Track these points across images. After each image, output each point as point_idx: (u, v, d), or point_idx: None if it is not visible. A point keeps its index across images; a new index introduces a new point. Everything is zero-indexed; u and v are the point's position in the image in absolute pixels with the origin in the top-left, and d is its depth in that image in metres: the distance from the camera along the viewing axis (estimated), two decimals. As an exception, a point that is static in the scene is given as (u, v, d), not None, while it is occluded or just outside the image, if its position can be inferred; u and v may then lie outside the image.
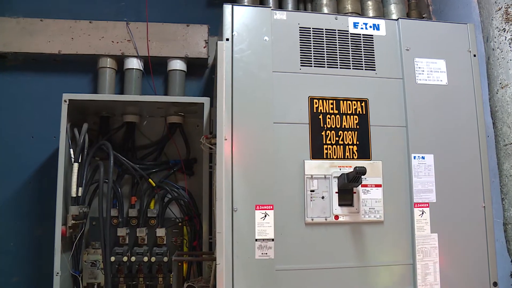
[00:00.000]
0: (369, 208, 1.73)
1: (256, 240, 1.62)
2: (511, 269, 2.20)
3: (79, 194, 2.08)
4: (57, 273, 2.00)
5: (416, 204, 1.77)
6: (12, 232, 2.41)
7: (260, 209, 1.64)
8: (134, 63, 2.36)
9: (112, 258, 2.13)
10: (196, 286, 1.63)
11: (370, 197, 1.74)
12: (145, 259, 2.16)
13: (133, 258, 2.16)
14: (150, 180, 2.25)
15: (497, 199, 2.01)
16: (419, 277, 1.75)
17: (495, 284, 1.81)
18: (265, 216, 1.64)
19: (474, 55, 1.91)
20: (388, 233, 1.74)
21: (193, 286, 1.65)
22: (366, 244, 1.72)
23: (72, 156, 2.09)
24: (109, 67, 2.36)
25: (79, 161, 2.10)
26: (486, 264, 1.81)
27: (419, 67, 1.85)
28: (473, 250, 1.80)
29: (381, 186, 1.75)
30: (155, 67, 2.43)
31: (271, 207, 1.65)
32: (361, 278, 1.71)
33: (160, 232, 2.23)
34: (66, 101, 2.05)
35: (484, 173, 1.84)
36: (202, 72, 2.57)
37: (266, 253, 1.62)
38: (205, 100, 2.10)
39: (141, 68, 2.37)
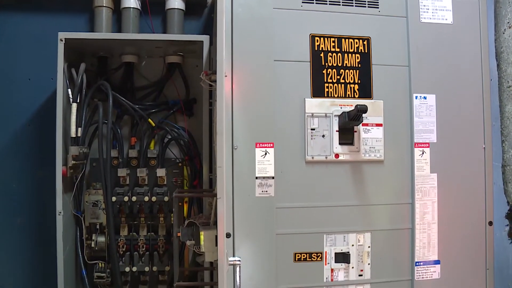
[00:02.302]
0: (370, 147, 1.73)
1: (256, 178, 1.63)
2: (507, 211, 2.24)
3: (79, 135, 2.07)
4: (60, 212, 2.02)
5: (416, 144, 1.77)
6: (13, 174, 2.42)
7: (260, 147, 1.64)
8: (131, 2, 2.29)
9: (113, 198, 2.14)
10: (197, 222, 1.65)
11: (370, 136, 1.73)
12: (146, 199, 2.17)
13: (134, 198, 2.17)
14: (149, 120, 2.24)
15: (497, 143, 2.01)
16: (418, 216, 1.77)
17: (490, 223, 1.83)
18: (265, 154, 1.64)
19: (482, -8, 1.85)
20: (388, 173, 1.75)
21: (194, 223, 1.67)
22: (366, 183, 1.73)
23: (71, 96, 2.06)
24: (105, 6, 2.29)
25: (78, 101, 2.07)
26: (483, 204, 1.83)
27: (424, 5, 1.80)
28: (471, 190, 1.82)
29: (382, 126, 1.74)
30: (153, 7, 2.36)
31: (271, 145, 1.64)
32: (361, 217, 1.73)
33: (161, 172, 2.23)
34: (62, 40, 2.01)
35: (486, 115, 1.83)
36: (201, 11, 2.50)
37: (267, 191, 1.63)
38: (205, 38, 2.05)
39: (139, 7, 2.30)
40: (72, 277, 2.22)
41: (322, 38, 1.73)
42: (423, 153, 1.77)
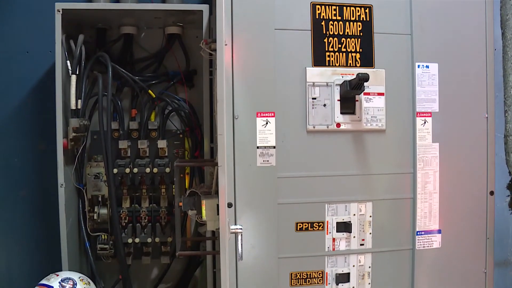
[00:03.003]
0: (371, 117, 1.72)
1: (257, 147, 1.63)
2: (508, 181, 2.24)
3: (79, 107, 2.06)
4: (62, 184, 2.02)
5: (418, 114, 1.76)
6: (15, 148, 2.41)
7: (261, 117, 1.63)
8: (129, -29, 2.26)
9: (115, 170, 2.14)
10: (199, 192, 1.65)
11: (372, 106, 1.72)
12: (147, 170, 2.17)
13: (135, 170, 2.17)
14: (150, 91, 2.22)
15: (499, 113, 2.00)
16: (419, 186, 1.77)
17: (491, 193, 1.84)
18: (267, 123, 1.63)
19: (488, -45, 1.81)
20: (390, 142, 1.75)
21: (195, 192, 1.67)
22: (367, 153, 1.73)
23: (69, 68, 2.05)
24: (103, -24, 2.25)
25: (77, 73, 2.05)
26: (485, 174, 1.83)
27: (427, -29, 1.77)
28: (473, 160, 1.82)
29: (383, 95, 1.73)
30: (151, -24, 2.33)
31: (273, 114, 1.63)
32: (362, 186, 1.74)
33: (162, 144, 2.22)
34: (59, 11, 1.98)
35: (489, 85, 1.82)
36: (200, -20, 2.46)
37: (268, 161, 1.63)
38: (204, 8, 2.02)
39: (137, -23, 2.27)
40: (76, 250, 2.24)
41: (323, 6, 1.70)
42: (425, 122, 1.76)
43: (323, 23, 1.70)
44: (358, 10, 1.73)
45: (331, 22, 1.70)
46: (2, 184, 2.42)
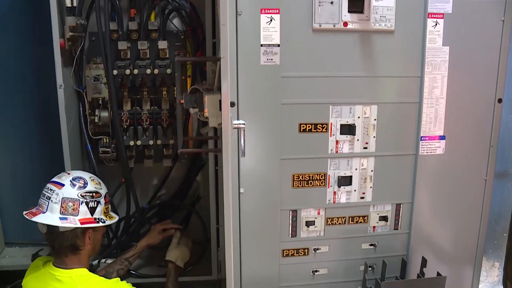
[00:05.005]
0: (380, 16, 1.64)
1: (261, 45, 1.57)
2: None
3: (74, 5, 1.97)
4: (60, 85, 1.99)
5: (430, 15, 1.68)
6: (10, 51, 2.35)
7: (265, 13, 1.55)
8: None
9: (115, 72, 2.09)
10: (201, 88, 1.61)
11: (381, 5, 1.63)
12: (148, 71, 2.11)
13: (135, 71, 2.11)
14: (149, -11, 2.12)
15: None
16: (426, 90, 1.73)
17: (499, 100, 1.80)
18: (271, 20, 1.56)
19: None
20: (398, 44, 1.68)
21: (197, 89, 1.64)
22: (374, 54, 1.67)
23: (63, -38, 1.94)
24: None
25: (71, -32, 1.95)
26: (495, 81, 1.78)
27: None
28: (484, 66, 1.76)
29: (394, -7, 1.64)
30: None
31: (277, 11, 1.56)
32: (368, 89, 1.70)
33: (162, 44, 2.14)
34: None
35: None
36: None
37: (272, 59, 1.58)
38: None
39: None
40: (78, 153, 2.25)
41: None
42: (436, 24, 1.68)
43: None
44: None
45: None
46: (1, 89, 2.38)
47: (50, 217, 1.58)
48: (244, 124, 1.30)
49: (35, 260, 1.75)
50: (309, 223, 1.74)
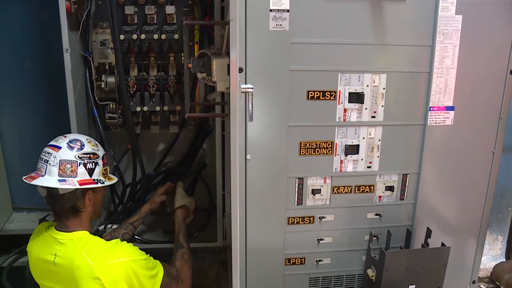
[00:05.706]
0: (392, -18, 1.60)
1: (270, 10, 1.54)
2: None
3: (81, -34, 1.95)
4: (67, 49, 1.96)
5: (443, -18, 1.64)
6: (16, 15, 2.32)
7: (275, -23, 1.52)
8: None
9: (121, 37, 2.06)
10: (208, 52, 1.59)
11: (394, -30, 1.60)
12: (155, 36, 2.08)
13: (142, 36, 2.09)
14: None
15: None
16: (436, 60, 1.70)
17: (511, 72, 1.77)
18: (281, -16, 1.53)
19: None
20: (410, 11, 1.65)
21: (205, 53, 1.61)
22: (385, 22, 1.64)
23: None
24: None
25: None
26: (508, 52, 1.74)
27: None
28: (497, 35, 1.72)
29: (407, -42, 1.60)
30: None
31: (288, -25, 1.52)
32: (377, 57, 1.67)
33: (170, 9, 2.11)
34: None
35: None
36: None
37: (281, 25, 1.55)
38: None
39: None
40: (84, 118, 2.24)
41: None
42: (450, -10, 1.65)
43: None
44: None
45: None
46: (7, 56, 2.37)
47: (49, 180, 1.58)
48: (252, 88, 1.29)
49: (39, 225, 1.77)
50: (315, 191, 1.74)
